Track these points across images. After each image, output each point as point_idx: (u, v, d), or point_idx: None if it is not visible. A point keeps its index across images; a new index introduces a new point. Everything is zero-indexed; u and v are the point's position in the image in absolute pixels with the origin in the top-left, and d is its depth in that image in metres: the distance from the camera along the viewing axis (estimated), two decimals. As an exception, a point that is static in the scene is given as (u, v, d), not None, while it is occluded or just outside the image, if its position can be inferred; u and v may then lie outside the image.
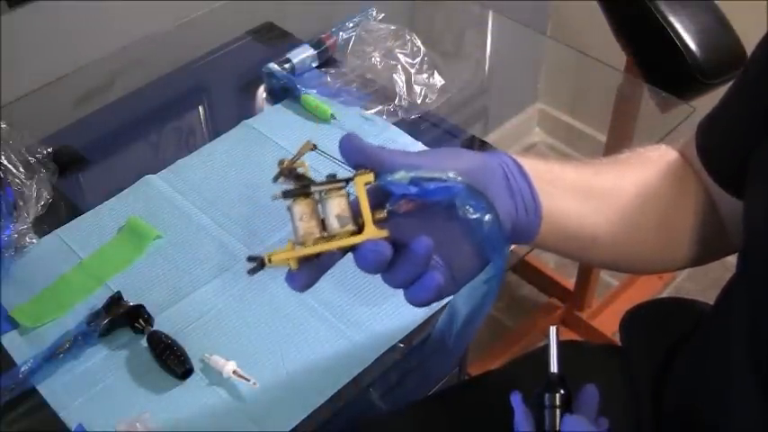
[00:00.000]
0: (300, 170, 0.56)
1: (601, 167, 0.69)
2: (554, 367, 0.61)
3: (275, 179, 0.55)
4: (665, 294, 1.92)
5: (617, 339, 0.89)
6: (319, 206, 0.55)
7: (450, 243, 0.56)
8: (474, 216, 0.54)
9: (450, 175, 0.54)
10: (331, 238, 0.54)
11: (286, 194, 0.54)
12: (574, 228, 0.64)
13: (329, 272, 0.57)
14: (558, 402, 0.59)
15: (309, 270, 0.55)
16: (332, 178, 0.55)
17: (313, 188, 0.54)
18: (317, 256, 0.55)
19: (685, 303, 0.88)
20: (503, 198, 0.59)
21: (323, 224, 0.54)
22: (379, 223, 0.54)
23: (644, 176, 0.68)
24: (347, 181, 0.54)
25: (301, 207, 0.54)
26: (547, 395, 0.60)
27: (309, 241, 0.54)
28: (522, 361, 0.91)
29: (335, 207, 0.54)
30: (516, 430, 0.61)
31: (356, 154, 0.55)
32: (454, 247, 0.57)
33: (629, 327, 0.87)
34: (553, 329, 0.61)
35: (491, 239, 0.55)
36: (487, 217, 0.54)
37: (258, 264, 0.54)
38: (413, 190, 0.54)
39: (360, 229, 0.54)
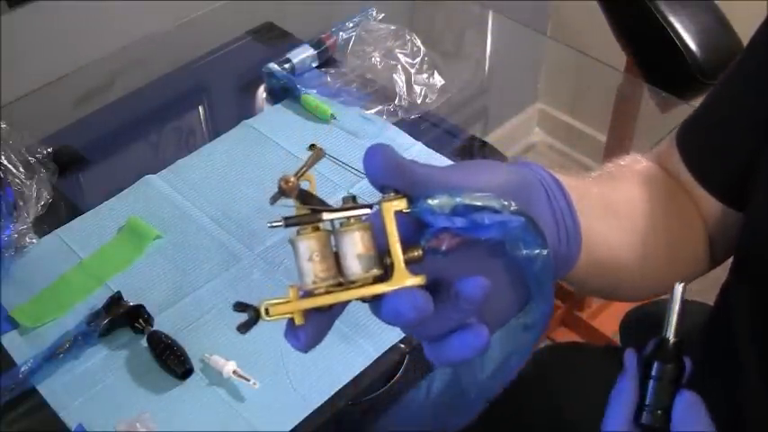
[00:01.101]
0: (304, 184, 0.41)
1: (616, 183, 0.63)
2: (670, 331, 0.51)
3: (273, 200, 0.41)
4: (665, 295, 1.92)
5: (617, 339, 0.89)
6: (332, 238, 0.41)
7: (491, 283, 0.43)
8: (526, 253, 0.43)
9: (504, 203, 0.42)
10: (349, 284, 0.41)
11: (289, 222, 0.40)
12: (603, 253, 0.56)
13: None
14: (670, 376, 0.50)
15: (318, 324, 0.42)
16: (350, 202, 0.41)
17: (326, 216, 0.40)
18: (330, 306, 0.42)
19: (685, 304, 0.88)
20: (547, 224, 0.49)
21: (337, 263, 0.41)
22: (410, 264, 0.41)
23: (641, 191, 0.64)
24: (371, 207, 0.41)
25: (310, 242, 0.40)
26: (657, 364, 0.50)
27: (321, 289, 0.40)
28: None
29: (357, 244, 0.40)
30: (613, 400, 0.52)
31: (387, 173, 0.40)
32: (494, 288, 0.43)
33: (629, 327, 0.87)
34: (680, 287, 0.51)
35: (539, 278, 0.45)
36: (543, 253, 0.44)
37: (252, 317, 0.42)
38: (458, 223, 0.41)
39: (386, 272, 0.41)
